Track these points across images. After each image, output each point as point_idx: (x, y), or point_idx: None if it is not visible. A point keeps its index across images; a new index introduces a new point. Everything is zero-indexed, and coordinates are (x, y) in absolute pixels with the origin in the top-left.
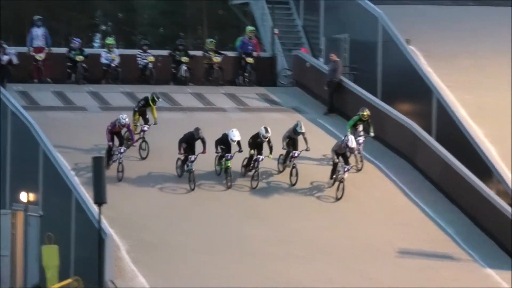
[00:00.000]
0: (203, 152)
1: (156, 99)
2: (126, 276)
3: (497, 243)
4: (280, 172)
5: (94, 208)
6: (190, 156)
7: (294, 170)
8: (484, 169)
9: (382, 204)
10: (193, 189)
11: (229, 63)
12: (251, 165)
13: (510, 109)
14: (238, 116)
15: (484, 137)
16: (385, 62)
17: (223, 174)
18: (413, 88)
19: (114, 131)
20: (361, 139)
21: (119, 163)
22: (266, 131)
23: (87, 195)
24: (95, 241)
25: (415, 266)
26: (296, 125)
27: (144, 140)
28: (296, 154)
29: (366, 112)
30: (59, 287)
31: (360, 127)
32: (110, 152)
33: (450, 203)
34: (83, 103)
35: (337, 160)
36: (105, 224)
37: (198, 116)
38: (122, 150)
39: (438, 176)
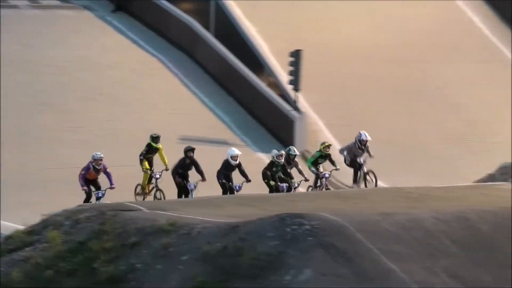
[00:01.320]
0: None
1: (155, 136)
2: None
3: (268, 130)
4: None
5: None
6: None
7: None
8: (257, 64)
9: (165, 94)
10: None
11: None
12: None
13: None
14: (30, 13)
15: (257, 34)
16: None
17: None
18: None
19: (89, 178)
20: (327, 174)
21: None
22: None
23: None
24: None
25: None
26: (289, 150)
27: (158, 189)
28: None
29: (326, 145)
30: None
31: (321, 167)
32: (87, 199)
33: (226, 94)
34: None
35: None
36: None
37: None
38: (100, 194)
39: (216, 70)
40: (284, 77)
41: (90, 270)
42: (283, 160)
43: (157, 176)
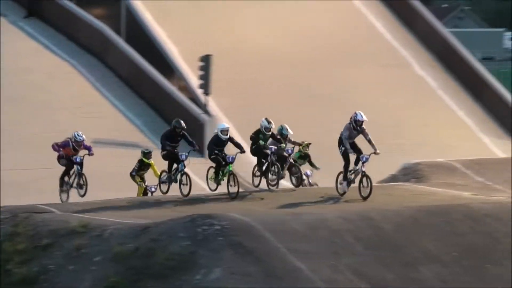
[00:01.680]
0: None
1: (147, 151)
2: None
3: None
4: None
5: None
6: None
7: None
8: (168, 68)
9: (77, 98)
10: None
11: None
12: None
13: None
14: None
15: (167, 38)
16: None
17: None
18: None
19: (67, 152)
20: (308, 172)
21: (79, 174)
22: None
23: None
24: None
25: (107, 153)
26: (281, 129)
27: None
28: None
29: (306, 144)
30: None
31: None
32: (68, 170)
33: (138, 97)
34: None
35: (352, 151)
36: None
37: None
38: (78, 160)
39: (127, 74)
40: (194, 81)
41: (4, 272)
42: (269, 134)
43: (153, 189)
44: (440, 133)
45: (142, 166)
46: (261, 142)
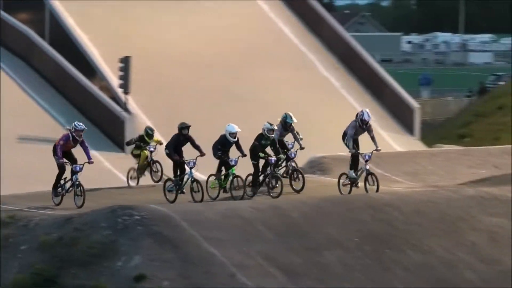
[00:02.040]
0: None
1: (151, 133)
2: None
3: (100, 130)
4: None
5: None
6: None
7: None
8: (90, 69)
9: (2, 98)
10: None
11: None
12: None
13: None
14: None
15: (89, 41)
16: None
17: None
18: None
19: (68, 147)
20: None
21: (78, 185)
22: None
23: None
24: None
25: (33, 149)
26: (285, 117)
27: (154, 162)
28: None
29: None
30: None
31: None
32: (62, 173)
33: (62, 97)
34: None
35: (353, 150)
36: None
37: None
38: (78, 168)
39: (52, 75)
40: (115, 81)
41: None
42: (273, 135)
43: (152, 149)
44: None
45: (141, 141)
46: (261, 154)
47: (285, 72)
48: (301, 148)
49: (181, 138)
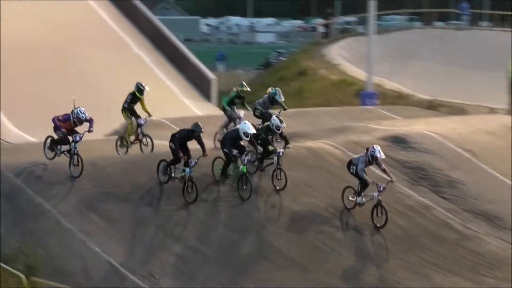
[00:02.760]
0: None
1: (143, 88)
2: None
3: None
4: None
5: None
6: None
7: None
8: None
9: None
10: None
11: None
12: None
13: None
14: None
15: None
16: None
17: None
18: None
19: (67, 126)
20: (241, 113)
21: (75, 154)
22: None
23: None
24: None
25: None
26: (274, 93)
27: (144, 135)
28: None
29: (244, 88)
30: None
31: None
32: (65, 142)
33: None
34: None
35: (370, 181)
36: None
37: None
38: (78, 138)
39: None
40: None
41: None
42: (279, 133)
43: (142, 122)
44: (152, 98)
45: (134, 99)
46: (271, 148)
47: (106, 53)
48: (284, 109)
49: (190, 134)
